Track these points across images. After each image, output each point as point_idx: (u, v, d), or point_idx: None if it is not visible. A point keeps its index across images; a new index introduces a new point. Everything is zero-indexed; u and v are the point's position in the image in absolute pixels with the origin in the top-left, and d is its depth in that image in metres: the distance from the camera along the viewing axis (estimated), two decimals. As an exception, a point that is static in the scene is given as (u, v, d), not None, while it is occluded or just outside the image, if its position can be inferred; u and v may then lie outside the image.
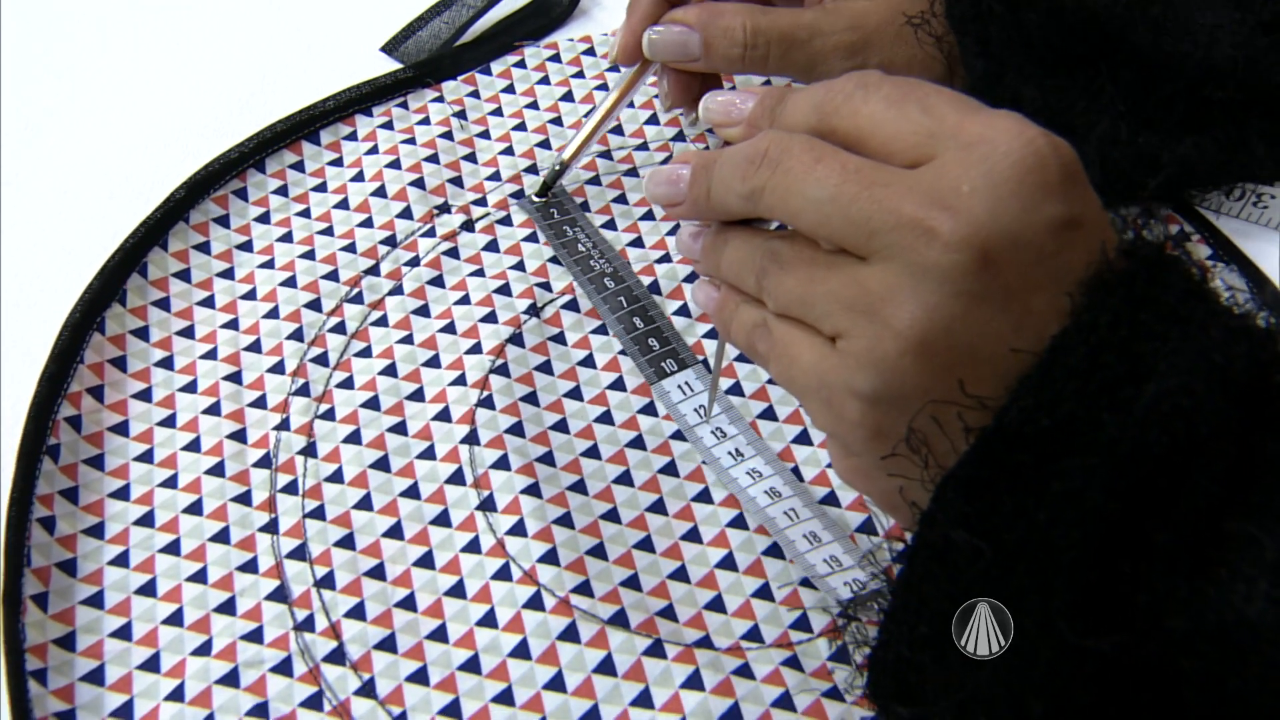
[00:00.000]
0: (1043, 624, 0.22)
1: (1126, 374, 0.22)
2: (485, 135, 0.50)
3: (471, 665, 0.34)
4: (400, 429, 0.40)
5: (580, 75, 0.52)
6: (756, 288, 0.27)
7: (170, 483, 0.39)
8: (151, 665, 0.35)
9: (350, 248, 0.46)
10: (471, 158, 0.49)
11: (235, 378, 0.42)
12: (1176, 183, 0.42)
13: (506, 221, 0.46)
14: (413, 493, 0.38)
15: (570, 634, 0.35)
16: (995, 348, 0.23)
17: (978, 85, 0.39)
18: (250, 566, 0.37)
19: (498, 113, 0.51)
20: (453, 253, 0.45)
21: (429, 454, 0.39)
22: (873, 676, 0.26)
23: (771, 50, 0.38)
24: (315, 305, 0.44)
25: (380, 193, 0.47)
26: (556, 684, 0.34)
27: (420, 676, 0.34)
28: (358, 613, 0.36)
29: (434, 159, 0.48)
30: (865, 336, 0.24)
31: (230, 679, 0.34)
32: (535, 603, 0.35)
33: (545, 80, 0.52)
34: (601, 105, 0.44)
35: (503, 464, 0.38)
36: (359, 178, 0.48)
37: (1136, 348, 0.22)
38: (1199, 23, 0.39)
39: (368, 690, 0.34)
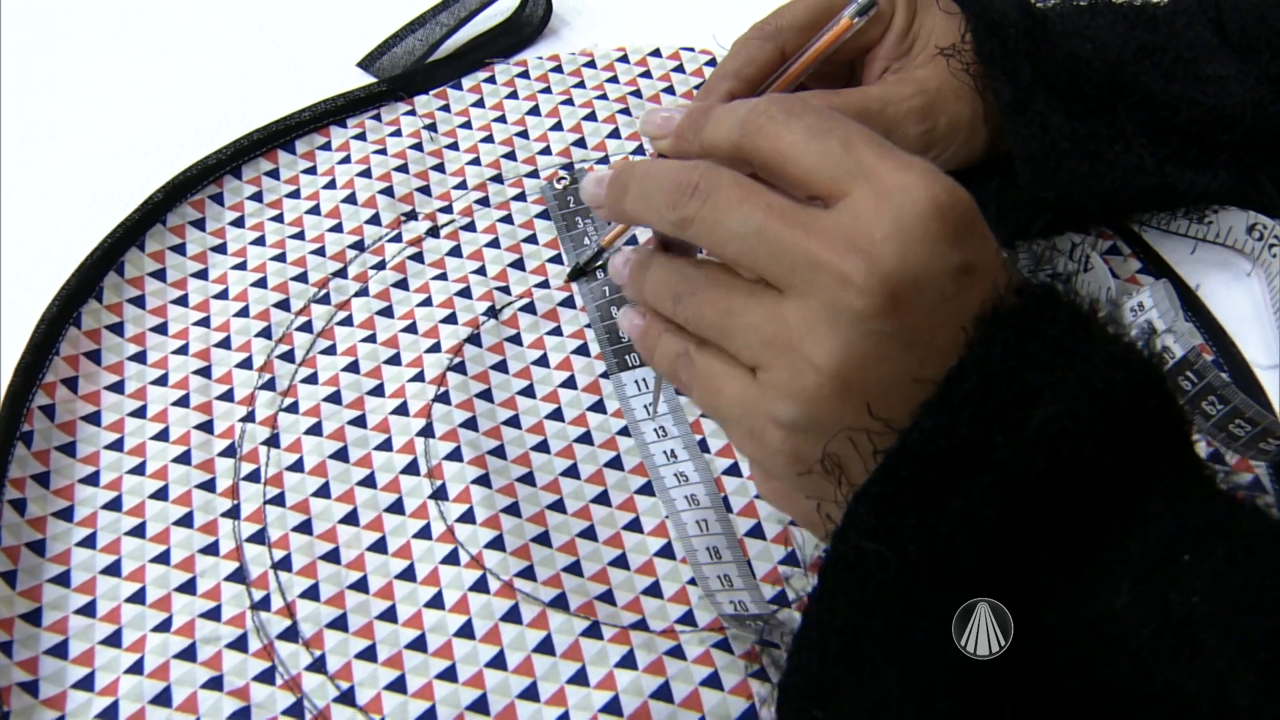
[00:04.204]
0: (943, 627, 0.24)
1: (1016, 400, 0.24)
2: (454, 147, 0.52)
3: (418, 644, 0.36)
4: (360, 422, 0.42)
5: (548, 91, 0.54)
6: (673, 310, 0.30)
7: (139, 470, 0.41)
8: (113, 640, 0.37)
9: (320, 251, 0.48)
10: (440, 168, 0.51)
11: (205, 372, 0.44)
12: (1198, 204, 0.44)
13: (470, 228, 0.48)
14: (369, 482, 0.40)
15: (512, 615, 0.36)
16: (903, 379, 0.25)
17: (1005, 111, 0.41)
18: (211, 549, 0.39)
19: (467, 125, 0.53)
20: (417, 257, 0.47)
21: (386, 446, 0.41)
22: (785, 695, 0.27)
23: None
24: (284, 305, 0.46)
25: (351, 200, 0.49)
26: (498, 662, 0.35)
27: (369, 654, 0.36)
28: (312, 594, 0.37)
29: (404, 169, 0.50)
30: (785, 369, 0.26)
31: (188, 654, 0.36)
32: (481, 586, 0.37)
33: (514, 95, 0.54)
34: None
35: (455, 456, 0.40)
36: (331, 185, 0.50)
37: (1026, 376, 0.24)
38: (1207, 74, 0.41)
39: (318, 666, 0.36)
